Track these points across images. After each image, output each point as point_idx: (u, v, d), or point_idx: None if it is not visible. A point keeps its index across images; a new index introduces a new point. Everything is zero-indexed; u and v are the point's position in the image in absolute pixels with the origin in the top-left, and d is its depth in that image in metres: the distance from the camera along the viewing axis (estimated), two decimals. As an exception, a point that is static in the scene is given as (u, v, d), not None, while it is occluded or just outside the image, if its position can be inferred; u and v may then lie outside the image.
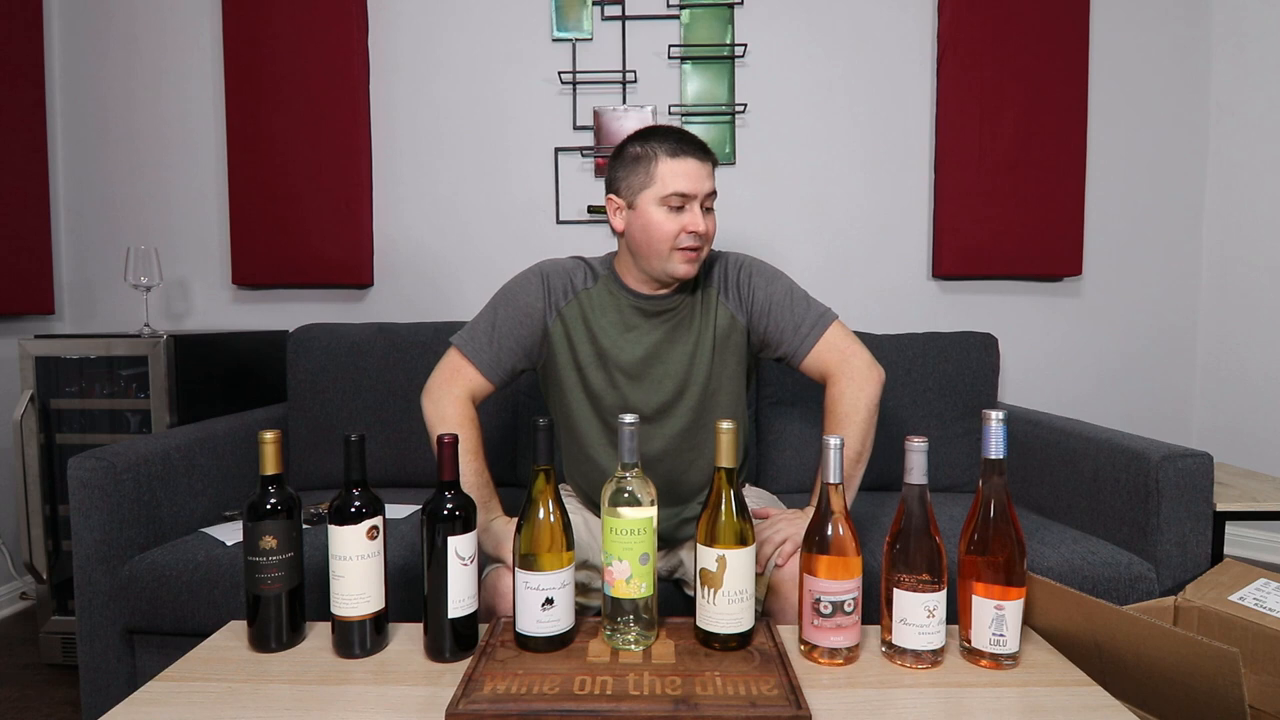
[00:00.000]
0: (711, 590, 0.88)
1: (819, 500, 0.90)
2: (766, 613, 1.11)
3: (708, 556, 0.88)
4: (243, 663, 0.89)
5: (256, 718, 0.77)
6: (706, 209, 1.17)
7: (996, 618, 0.86)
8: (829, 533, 0.87)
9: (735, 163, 2.21)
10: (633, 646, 0.89)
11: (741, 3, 2.17)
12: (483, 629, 0.95)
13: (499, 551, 1.12)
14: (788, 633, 0.95)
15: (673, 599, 1.28)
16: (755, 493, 1.41)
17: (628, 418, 0.89)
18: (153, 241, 2.21)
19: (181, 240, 2.27)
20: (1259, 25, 2.18)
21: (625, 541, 0.88)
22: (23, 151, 2.14)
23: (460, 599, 0.88)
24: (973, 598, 0.88)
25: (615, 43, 2.18)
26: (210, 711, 0.78)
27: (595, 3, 2.16)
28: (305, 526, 1.43)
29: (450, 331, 1.86)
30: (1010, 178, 2.15)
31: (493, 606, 1.08)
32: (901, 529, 0.87)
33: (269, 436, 0.90)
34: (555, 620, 0.88)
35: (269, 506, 0.90)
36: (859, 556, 0.88)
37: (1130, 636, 0.87)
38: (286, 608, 0.92)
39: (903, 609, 0.86)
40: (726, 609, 0.88)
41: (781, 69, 2.20)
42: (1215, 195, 2.25)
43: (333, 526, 0.89)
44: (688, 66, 2.18)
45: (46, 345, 1.76)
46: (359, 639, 0.90)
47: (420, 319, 2.13)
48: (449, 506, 0.88)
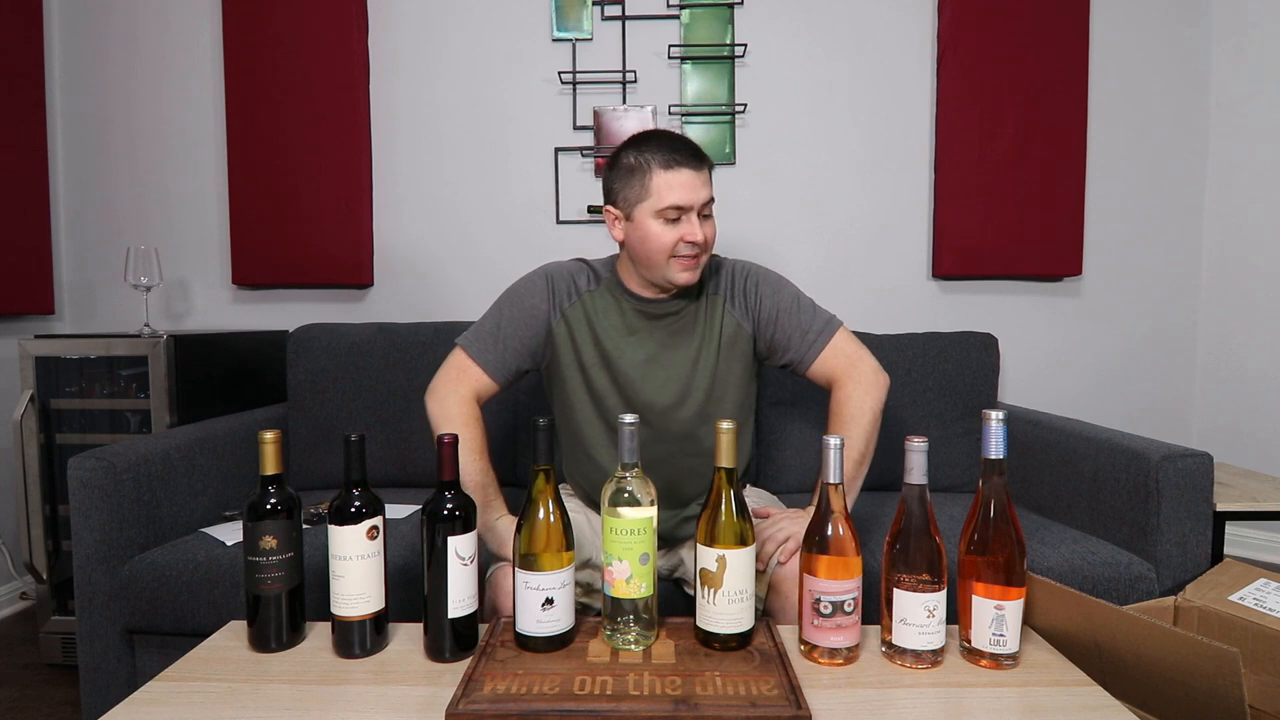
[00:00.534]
0: (711, 590, 0.88)
1: (819, 500, 0.90)
2: (767, 611, 1.11)
3: (708, 556, 0.88)
4: (243, 663, 0.89)
5: (256, 718, 0.77)
6: (704, 216, 1.17)
7: (996, 618, 0.86)
8: (829, 533, 0.87)
9: (735, 163, 2.21)
10: (633, 646, 0.89)
11: (741, 3, 2.17)
12: (483, 629, 0.95)
13: (502, 550, 1.13)
14: (788, 633, 0.95)
15: (673, 599, 1.28)
16: (755, 493, 1.41)
17: (628, 418, 0.89)
18: (153, 241, 2.21)
19: (181, 240, 2.27)
20: (1259, 25, 2.18)
21: (625, 541, 0.88)
22: (23, 151, 2.14)
23: (460, 599, 0.88)
24: (973, 598, 0.88)
25: (615, 43, 2.18)
26: (210, 711, 0.78)
27: (595, 3, 2.16)
28: (305, 526, 1.43)
29: (450, 331, 1.87)
30: (1010, 178, 2.15)
31: (496, 605, 1.09)
32: (901, 529, 0.87)
33: (269, 436, 0.90)
34: (555, 620, 0.88)
35: (269, 506, 0.90)
36: (859, 556, 0.88)
37: (1130, 636, 0.87)
38: (286, 608, 0.92)
39: (903, 609, 0.86)
40: (726, 609, 0.88)
41: (781, 69, 2.20)
42: (1215, 195, 2.25)
43: (333, 526, 0.89)
44: (688, 66, 2.18)
45: (46, 345, 1.75)
46: (359, 639, 0.90)
47: (420, 319, 2.13)
48: (449, 506, 0.88)
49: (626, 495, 0.88)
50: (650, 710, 0.75)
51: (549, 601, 0.87)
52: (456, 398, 1.21)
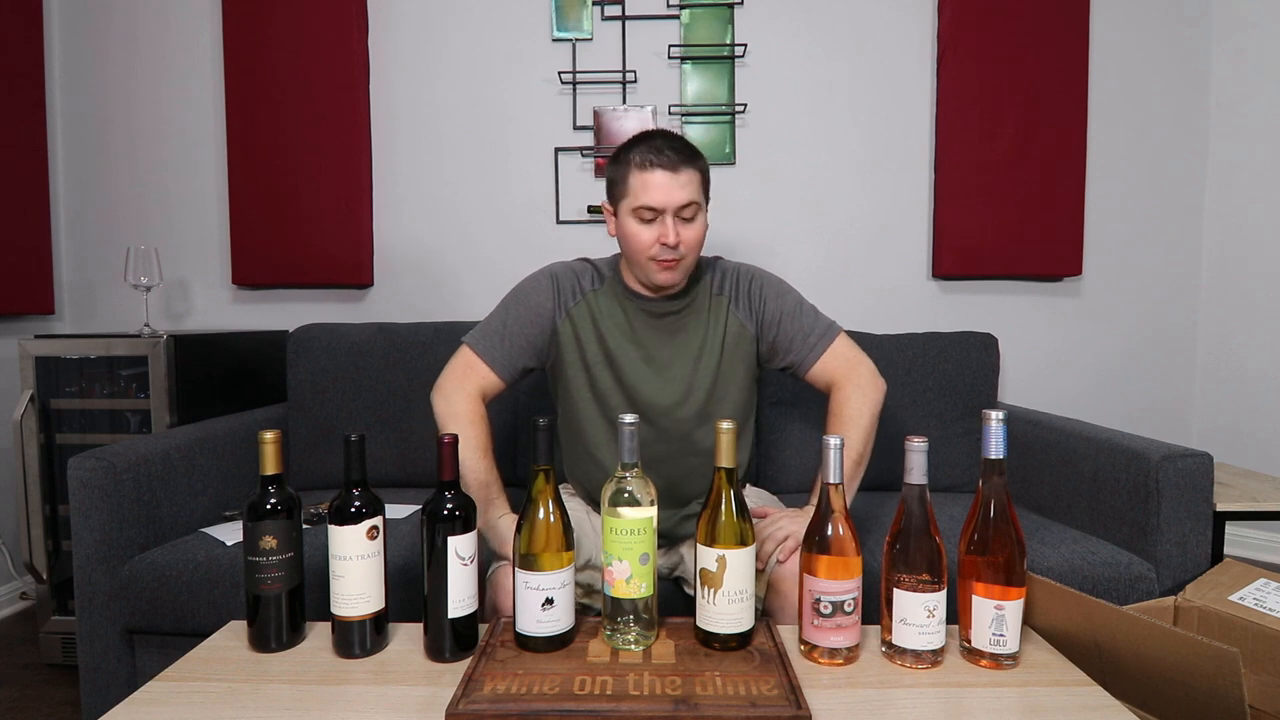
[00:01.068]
0: (711, 590, 0.88)
1: (819, 500, 0.90)
2: (766, 611, 1.11)
3: (708, 556, 0.88)
4: (243, 663, 0.89)
5: (256, 718, 0.77)
6: (684, 219, 1.15)
7: (996, 618, 0.86)
8: (829, 533, 0.87)
9: (735, 163, 2.21)
10: (633, 646, 0.89)
11: (741, 3, 2.17)
12: (483, 629, 0.95)
13: (503, 549, 1.13)
14: (788, 633, 0.95)
15: (673, 598, 1.28)
16: (755, 493, 1.41)
17: (628, 418, 0.89)
18: (153, 241, 2.21)
19: (181, 240, 2.27)
20: (1259, 25, 2.18)
21: (625, 541, 0.88)
22: (23, 151, 2.14)
23: (460, 599, 0.88)
24: (973, 598, 0.88)
25: (615, 43, 2.18)
26: (210, 711, 0.78)
27: (595, 3, 2.16)
28: (305, 526, 1.43)
29: (450, 331, 1.88)
30: (1010, 178, 2.15)
31: (497, 604, 1.09)
32: (901, 529, 0.87)
33: (269, 436, 0.91)
34: (555, 620, 0.88)
35: (269, 506, 0.90)
36: (859, 556, 0.88)
37: (1130, 636, 0.87)
38: (286, 608, 0.92)
39: (903, 609, 0.86)
40: (726, 609, 0.88)
41: (781, 69, 2.20)
42: (1215, 195, 2.25)
43: (333, 526, 0.89)
44: (688, 66, 2.18)
45: (46, 345, 1.75)
46: (359, 639, 0.90)
47: (420, 319, 2.13)
48: (449, 506, 0.88)
49: (626, 495, 0.88)
50: (650, 710, 0.75)
51: (549, 601, 0.87)
52: (463, 395, 1.22)
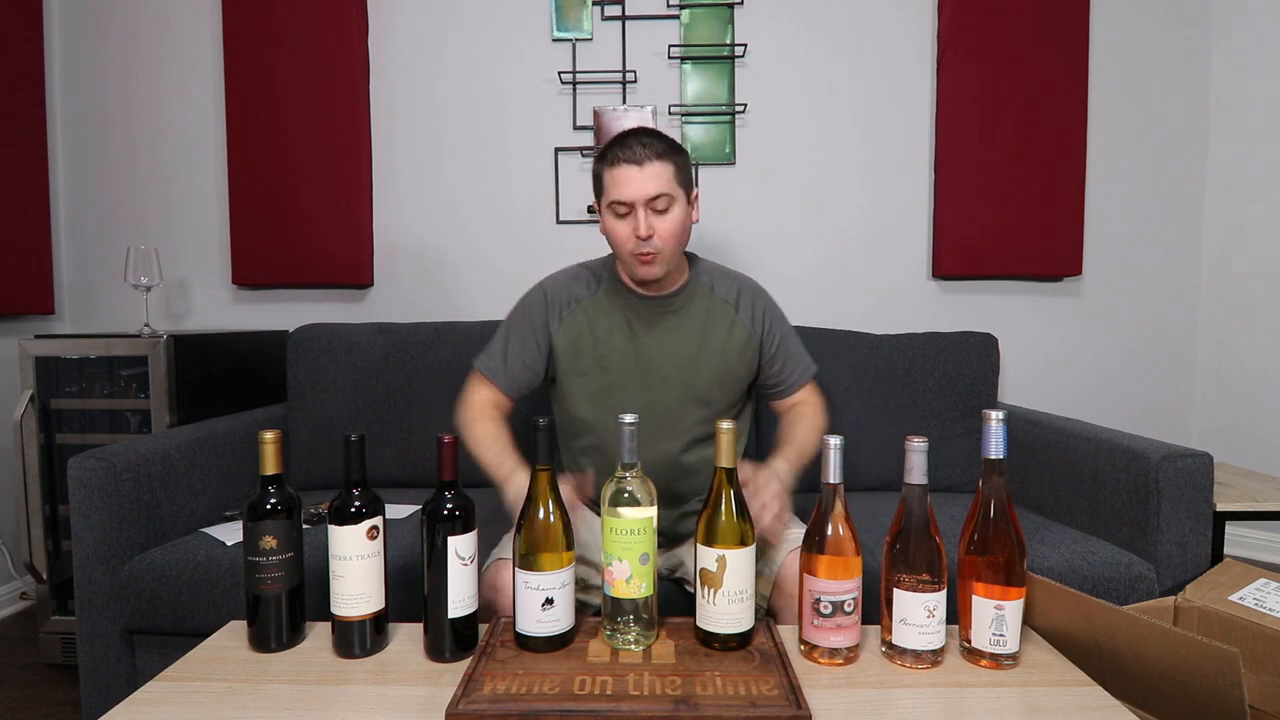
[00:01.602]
0: (711, 590, 0.88)
1: (819, 500, 0.89)
2: (771, 610, 1.11)
3: (708, 557, 0.88)
4: (243, 663, 0.89)
5: (256, 718, 0.77)
6: (657, 210, 1.16)
7: (996, 618, 0.86)
8: (829, 533, 0.87)
9: (735, 163, 2.21)
10: (633, 646, 0.89)
11: (741, 3, 2.17)
12: (483, 629, 0.95)
13: (518, 505, 1.11)
14: (788, 633, 0.95)
15: (673, 598, 1.28)
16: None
17: (628, 418, 0.89)
18: (153, 241, 2.21)
19: (181, 240, 2.27)
20: (1259, 25, 2.18)
21: (625, 541, 0.88)
22: (23, 151, 2.14)
23: (460, 599, 0.88)
24: (973, 598, 0.88)
25: (615, 43, 2.18)
26: (210, 711, 0.78)
27: (595, 3, 2.16)
28: (305, 526, 1.43)
29: (450, 331, 1.89)
30: (1010, 178, 2.15)
31: (492, 602, 1.09)
32: (901, 529, 0.87)
33: (269, 436, 0.91)
34: (555, 620, 0.88)
35: (269, 506, 0.90)
36: (859, 556, 0.88)
37: (1130, 636, 0.87)
38: (286, 608, 0.92)
39: (903, 609, 0.86)
40: (726, 609, 0.88)
41: (781, 69, 2.20)
42: (1215, 195, 2.25)
43: (333, 526, 0.89)
44: (688, 66, 2.18)
45: (46, 345, 1.75)
46: (359, 639, 0.90)
47: (420, 319, 2.13)
48: (449, 506, 0.88)
49: (626, 495, 0.88)
50: (650, 710, 0.75)
51: (549, 601, 0.87)
52: (474, 404, 1.29)
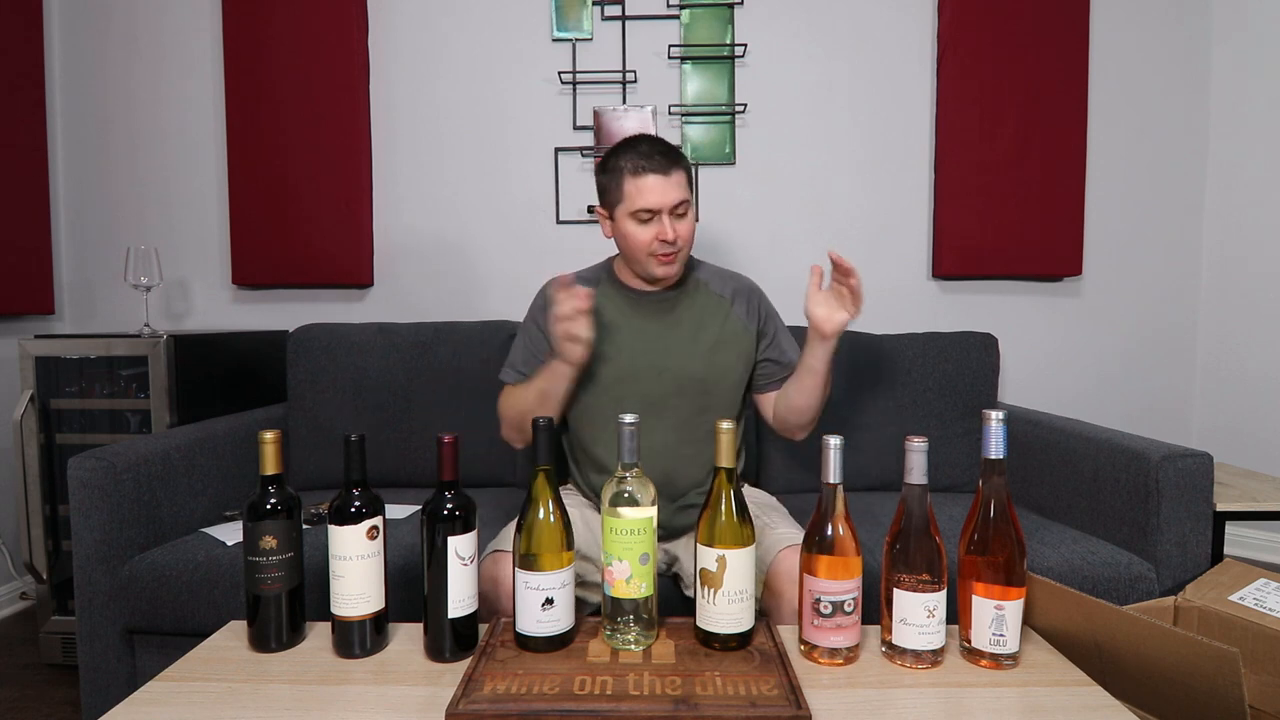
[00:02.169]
0: (711, 590, 0.88)
1: (819, 500, 0.89)
2: (762, 610, 1.11)
3: (708, 557, 0.88)
4: (243, 663, 0.89)
5: (256, 718, 0.77)
6: (678, 215, 1.23)
7: (996, 618, 0.86)
8: (829, 533, 0.87)
9: (735, 163, 2.21)
10: (633, 646, 0.89)
11: (741, 3, 2.17)
12: (483, 629, 0.95)
13: (561, 350, 1.17)
14: (788, 633, 0.95)
15: (672, 598, 1.28)
16: (755, 493, 1.42)
17: (628, 418, 0.90)
18: (153, 241, 2.21)
19: (181, 240, 2.27)
20: (1259, 26, 2.18)
21: (625, 541, 0.88)
22: (23, 151, 2.14)
23: (460, 599, 0.88)
24: (973, 598, 0.88)
25: (615, 43, 2.18)
26: (210, 711, 0.78)
27: (595, 3, 2.16)
28: (305, 526, 1.43)
29: (450, 331, 1.89)
30: (1010, 178, 2.15)
31: (489, 594, 1.09)
32: (901, 529, 0.87)
33: (269, 436, 0.91)
34: (555, 620, 0.88)
35: (269, 506, 0.90)
36: (859, 556, 0.88)
37: (1130, 636, 0.87)
38: (286, 608, 0.92)
39: (903, 609, 0.86)
40: (726, 609, 0.88)
41: (781, 69, 2.19)
42: (1215, 195, 2.25)
43: (333, 526, 0.89)
44: (688, 66, 2.18)
45: (46, 345, 1.75)
46: (359, 639, 0.90)
47: (420, 319, 2.13)
48: (449, 506, 0.88)
49: (626, 495, 0.89)
50: (650, 710, 0.75)
51: (549, 601, 0.88)
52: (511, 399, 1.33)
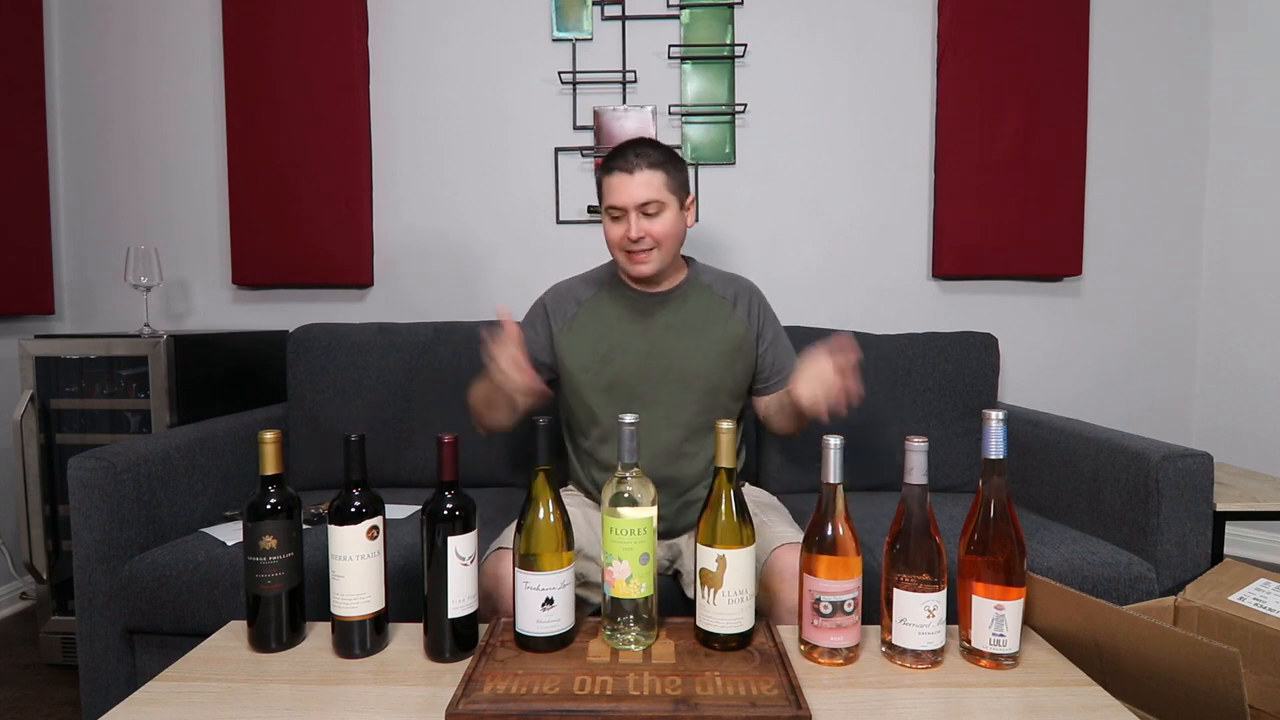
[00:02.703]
0: (711, 590, 0.88)
1: (819, 500, 0.89)
2: (759, 609, 1.12)
3: (708, 557, 0.88)
4: (243, 663, 0.89)
5: (256, 718, 0.77)
6: (648, 214, 1.24)
7: (996, 618, 0.86)
8: (829, 533, 0.87)
9: (735, 163, 2.21)
10: (633, 646, 0.89)
11: (741, 3, 2.17)
12: (483, 629, 0.95)
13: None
14: (788, 633, 0.95)
15: (672, 598, 1.29)
16: (754, 494, 1.42)
17: (628, 418, 0.90)
18: (153, 241, 2.21)
19: (181, 240, 2.27)
20: (1259, 25, 2.18)
21: (625, 541, 0.88)
22: (23, 151, 2.14)
23: (460, 599, 0.88)
24: (973, 598, 0.88)
25: (615, 43, 2.18)
26: (210, 711, 0.78)
27: (595, 3, 2.16)
28: (305, 526, 1.43)
29: (450, 332, 1.89)
30: (1010, 178, 2.15)
31: (491, 591, 1.09)
32: (901, 529, 0.87)
33: (269, 436, 0.91)
34: (555, 620, 0.88)
35: (269, 506, 0.91)
36: (859, 556, 0.88)
37: (1130, 636, 0.87)
38: (286, 608, 0.92)
39: (903, 609, 0.86)
40: (726, 609, 0.88)
41: (781, 69, 2.19)
42: (1215, 195, 2.25)
43: (333, 526, 0.89)
44: (688, 66, 2.18)
45: (46, 345, 1.75)
46: (359, 639, 0.90)
47: (420, 319, 2.13)
48: (449, 506, 0.88)
49: (626, 495, 0.89)
50: (650, 710, 0.75)
51: (549, 601, 0.87)
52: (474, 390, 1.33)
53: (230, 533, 1.44)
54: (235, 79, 2.18)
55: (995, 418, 0.87)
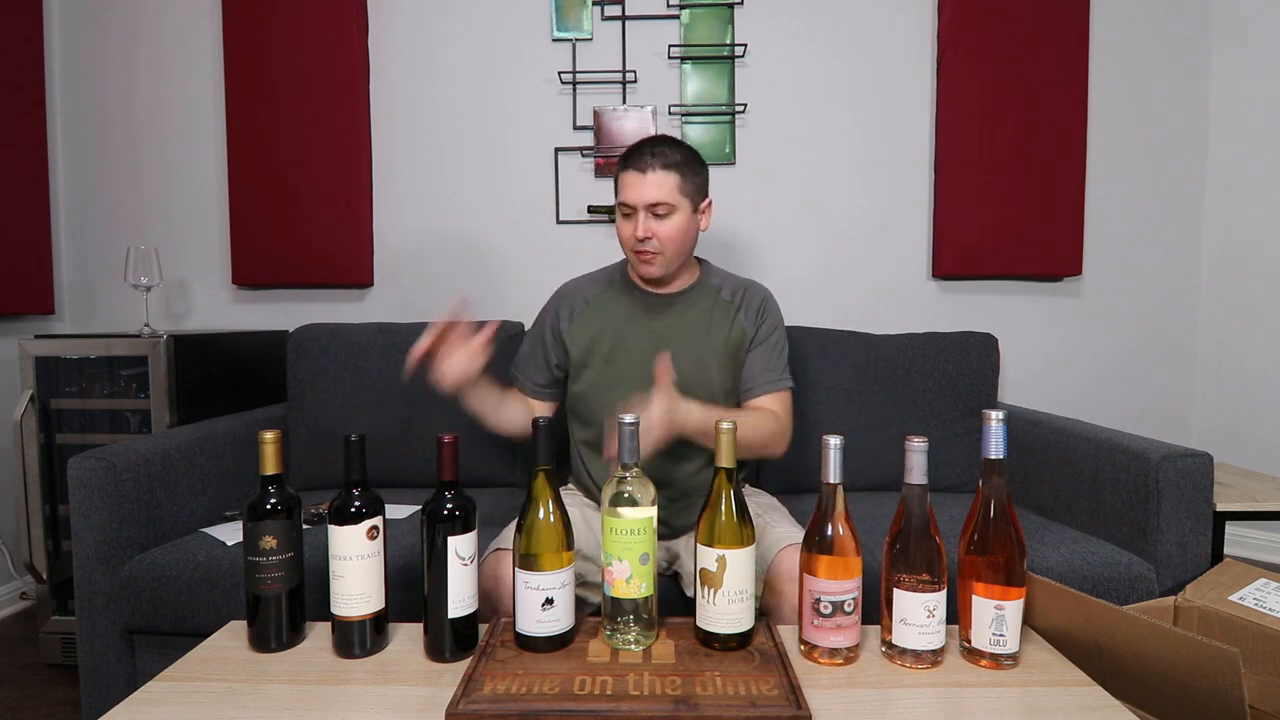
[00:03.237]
0: (711, 590, 0.88)
1: (819, 500, 0.89)
2: (763, 610, 1.12)
3: (708, 557, 0.88)
4: (243, 663, 0.89)
5: (256, 718, 0.77)
6: (657, 215, 1.23)
7: (996, 618, 0.86)
8: (829, 533, 0.87)
9: (735, 163, 2.21)
10: (633, 646, 0.89)
11: (741, 3, 2.17)
12: (483, 629, 0.95)
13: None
14: (788, 633, 0.95)
15: (670, 598, 1.28)
16: (755, 493, 1.43)
17: (627, 418, 0.90)
18: (153, 241, 2.21)
19: (181, 240, 2.27)
20: (1259, 25, 2.18)
21: (625, 541, 0.88)
22: (23, 151, 2.14)
23: (460, 599, 0.88)
24: (973, 598, 0.88)
25: (615, 43, 2.18)
26: (210, 711, 0.78)
27: (595, 3, 2.16)
28: (305, 526, 1.43)
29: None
30: (1010, 178, 2.15)
31: (491, 592, 1.09)
32: (901, 529, 0.87)
33: (269, 436, 0.91)
34: (555, 620, 0.88)
35: (269, 506, 0.91)
36: (859, 556, 0.88)
37: (1130, 636, 0.87)
38: (286, 608, 0.92)
39: (903, 609, 0.86)
40: (726, 609, 0.88)
41: (781, 69, 2.19)
42: (1215, 195, 2.25)
43: (333, 526, 0.89)
44: (688, 66, 2.18)
45: (46, 345, 1.75)
46: (359, 639, 0.90)
47: (420, 319, 2.12)
48: (449, 506, 0.88)
49: (626, 495, 0.89)
50: (650, 710, 0.75)
51: (549, 601, 0.88)
52: (515, 399, 1.36)
53: (230, 533, 1.44)
54: (235, 79, 2.18)
55: (995, 418, 0.87)
